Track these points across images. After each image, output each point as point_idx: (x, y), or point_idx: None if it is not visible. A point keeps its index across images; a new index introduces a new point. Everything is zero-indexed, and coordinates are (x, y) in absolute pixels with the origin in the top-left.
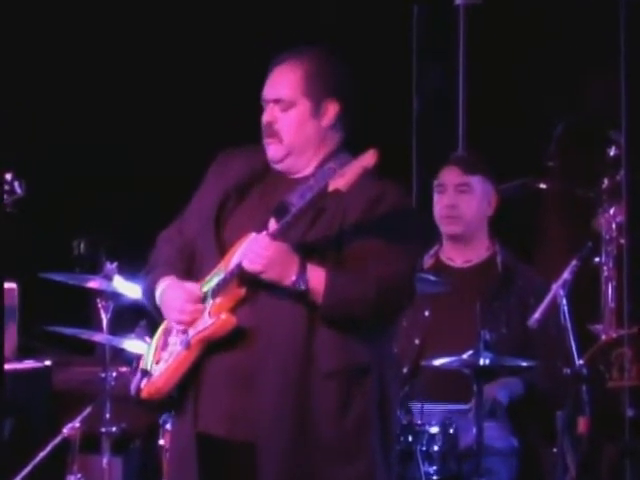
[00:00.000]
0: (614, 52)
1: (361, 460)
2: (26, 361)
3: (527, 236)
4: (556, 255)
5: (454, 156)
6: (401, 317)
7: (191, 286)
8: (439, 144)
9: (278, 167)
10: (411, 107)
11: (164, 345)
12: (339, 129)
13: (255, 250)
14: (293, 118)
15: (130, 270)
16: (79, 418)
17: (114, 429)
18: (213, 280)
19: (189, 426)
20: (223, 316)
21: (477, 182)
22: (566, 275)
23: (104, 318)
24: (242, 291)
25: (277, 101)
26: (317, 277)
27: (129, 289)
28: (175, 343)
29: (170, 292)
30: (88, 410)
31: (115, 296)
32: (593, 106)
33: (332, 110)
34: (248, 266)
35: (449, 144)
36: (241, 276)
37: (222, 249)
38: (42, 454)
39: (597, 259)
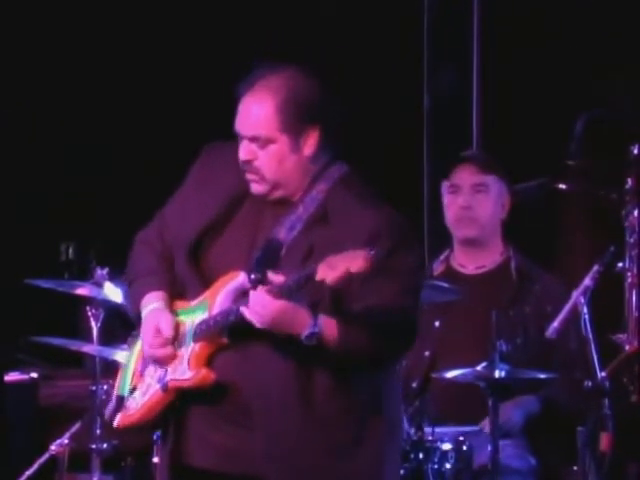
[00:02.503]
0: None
1: None
2: (11, 373)
3: (547, 240)
4: (577, 260)
5: (468, 154)
6: None
7: (164, 322)
8: (452, 143)
9: (267, 200)
10: (422, 105)
11: (142, 371)
12: (324, 148)
13: (258, 310)
14: (273, 155)
15: (122, 276)
16: (67, 434)
17: (105, 446)
18: (196, 313)
19: (167, 461)
20: (203, 371)
21: (492, 182)
22: (587, 281)
23: (94, 327)
24: (224, 341)
25: (253, 138)
26: (331, 331)
27: (121, 296)
28: (152, 376)
29: (148, 322)
30: (77, 426)
31: (106, 304)
32: (615, 102)
33: (313, 137)
34: (254, 321)
35: (463, 143)
36: (225, 326)
37: (205, 277)
38: (28, 473)
39: (620, 264)
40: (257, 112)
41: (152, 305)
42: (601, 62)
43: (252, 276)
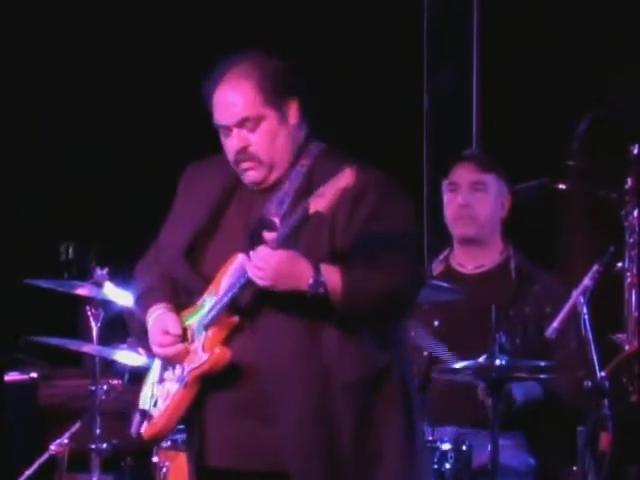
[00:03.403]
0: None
1: (392, 458)
2: (11, 373)
3: (547, 240)
4: (577, 260)
5: (467, 153)
6: (409, 328)
7: (170, 322)
8: (452, 143)
9: (261, 187)
10: (422, 105)
11: (160, 380)
12: (303, 121)
13: (259, 265)
14: (266, 133)
15: (122, 276)
16: (67, 434)
17: (104, 446)
18: (204, 307)
19: (194, 462)
20: (217, 350)
21: (492, 180)
22: (587, 281)
23: (94, 327)
24: (234, 319)
25: (242, 123)
26: (333, 277)
27: (120, 296)
28: (171, 379)
29: (155, 326)
30: (77, 426)
31: (105, 304)
32: (615, 102)
33: (294, 107)
34: (259, 283)
35: (463, 143)
36: (232, 304)
37: (208, 279)
38: (28, 473)
39: (620, 264)
40: (238, 97)
41: (156, 312)
42: (601, 62)
43: (250, 252)
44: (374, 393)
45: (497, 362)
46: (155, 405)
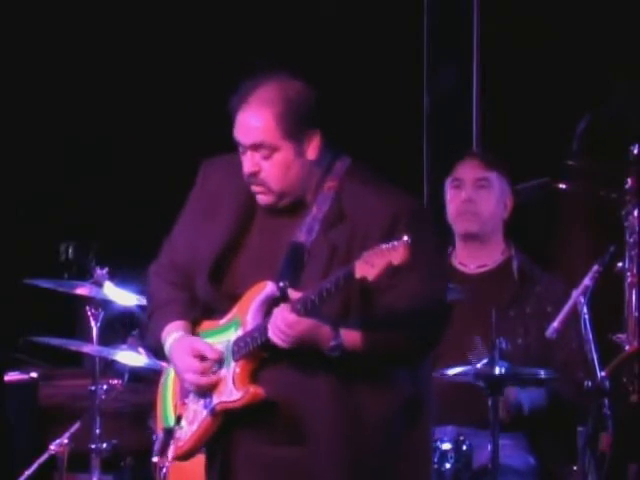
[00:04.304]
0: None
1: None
2: (11, 373)
3: (547, 240)
4: (577, 260)
5: (471, 151)
6: None
7: (203, 346)
8: (452, 143)
9: (274, 209)
10: (422, 105)
11: (182, 396)
12: (326, 148)
13: (282, 328)
14: (278, 164)
15: (122, 276)
16: (67, 434)
17: (104, 446)
18: (229, 331)
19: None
20: (251, 389)
21: (495, 178)
22: (587, 281)
23: (94, 327)
24: (264, 354)
25: (256, 147)
26: (354, 341)
27: (120, 296)
28: (196, 402)
29: (182, 350)
30: (77, 426)
31: (105, 304)
32: (615, 102)
33: (315, 140)
34: (278, 343)
35: (463, 143)
36: (264, 340)
37: (230, 294)
38: (27, 473)
39: (620, 264)
40: (257, 122)
41: (174, 335)
42: (601, 62)
43: (281, 284)
44: (403, 421)
45: (497, 369)
46: (178, 423)
